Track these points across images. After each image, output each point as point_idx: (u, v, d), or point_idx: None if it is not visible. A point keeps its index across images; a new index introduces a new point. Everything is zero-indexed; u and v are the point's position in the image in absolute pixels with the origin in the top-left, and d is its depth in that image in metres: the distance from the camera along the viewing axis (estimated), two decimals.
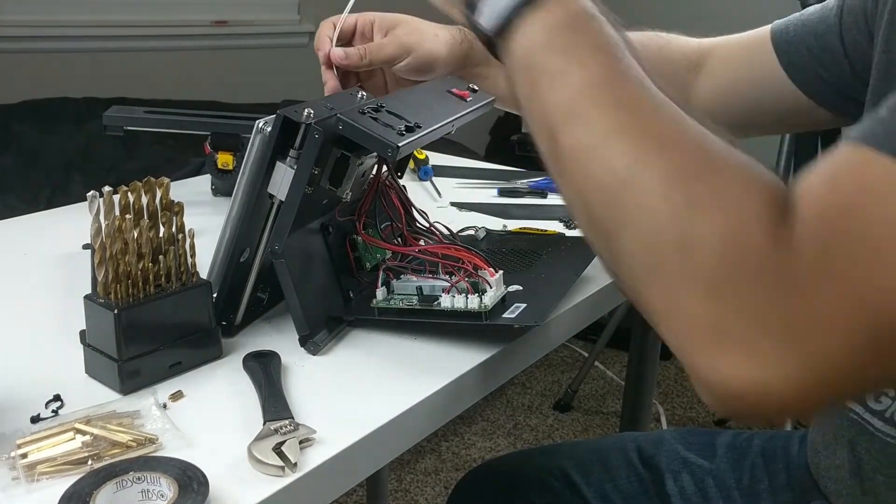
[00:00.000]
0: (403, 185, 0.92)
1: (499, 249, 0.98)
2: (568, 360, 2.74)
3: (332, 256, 0.84)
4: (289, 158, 0.76)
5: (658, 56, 0.98)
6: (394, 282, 0.83)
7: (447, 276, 0.81)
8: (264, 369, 0.72)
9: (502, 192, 1.30)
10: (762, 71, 0.92)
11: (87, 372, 0.73)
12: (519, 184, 1.32)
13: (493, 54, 0.59)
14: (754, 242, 0.44)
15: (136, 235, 0.70)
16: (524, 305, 0.80)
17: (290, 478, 0.59)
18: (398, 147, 0.74)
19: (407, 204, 0.91)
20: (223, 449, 0.62)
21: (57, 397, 0.68)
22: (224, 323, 0.79)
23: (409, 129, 0.77)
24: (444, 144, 1.18)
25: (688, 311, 0.46)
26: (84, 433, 0.62)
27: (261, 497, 0.58)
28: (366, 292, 0.83)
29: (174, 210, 0.73)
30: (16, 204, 2.11)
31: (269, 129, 0.76)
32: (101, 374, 0.71)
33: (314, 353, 0.77)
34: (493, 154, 3.67)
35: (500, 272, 0.81)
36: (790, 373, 0.43)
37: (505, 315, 0.78)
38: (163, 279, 0.72)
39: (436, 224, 0.92)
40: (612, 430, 2.39)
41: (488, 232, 1.05)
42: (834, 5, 0.88)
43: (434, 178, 1.35)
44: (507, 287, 0.82)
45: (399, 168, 0.98)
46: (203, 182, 1.30)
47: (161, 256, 0.72)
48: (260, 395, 0.69)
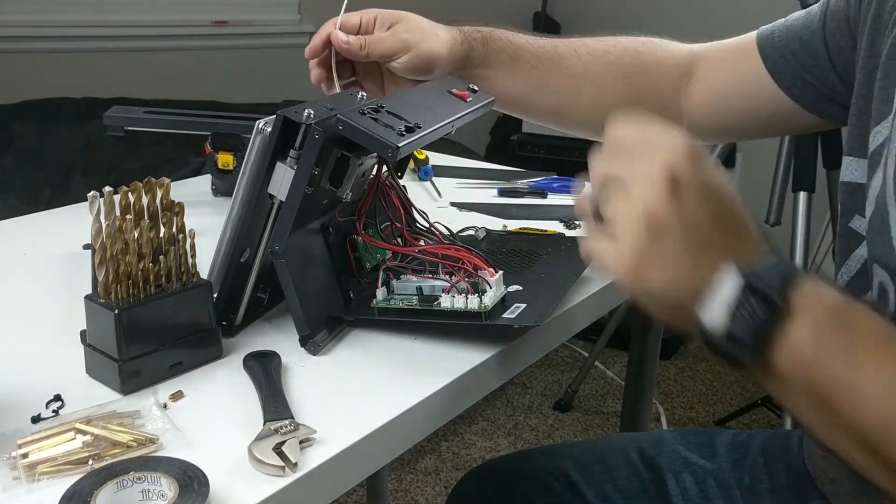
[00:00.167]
0: (403, 186, 0.93)
1: (499, 249, 0.98)
2: (568, 360, 2.74)
3: (332, 256, 0.84)
4: (289, 159, 0.77)
5: (651, 61, 0.98)
6: (394, 282, 0.83)
7: (447, 277, 0.81)
8: (264, 369, 0.72)
9: (502, 193, 1.30)
10: (749, 76, 0.93)
11: (87, 372, 0.73)
12: (519, 184, 1.33)
13: (737, 369, 0.53)
14: None
15: (136, 235, 0.70)
16: (524, 305, 0.80)
17: (291, 478, 0.59)
18: (398, 147, 0.74)
19: (407, 204, 0.91)
20: (223, 449, 0.62)
21: (57, 397, 0.68)
22: (224, 323, 0.79)
23: (409, 130, 0.77)
24: (444, 144, 1.18)
25: None
26: (85, 433, 0.62)
27: (261, 497, 0.58)
28: (366, 292, 0.83)
29: (174, 210, 0.73)
30: (16, 204, 2.11)
31: (270, 129, 0.76)
32: (101, 374, 0.72)
33: (314, 353, 0.77)
34: (493, 154, 3.67)
35: (500, 272, 0.81)
36: None
37: (505, 315, 0.78)
38: (163, 279, 0.72)
39: (436, 224, 0.92)
40: (612, 430, 2.39)
41: (488, 232, 1.05)
42: (818, 11, 0.89)
43: (434, 179, 1.35)
44: (506, 287, 0.82)
45: (399, 168, 0.98)
46: (203, 182, 1.30)
47: (161, 256, 0.72)
48: (260, 395, 0.69)
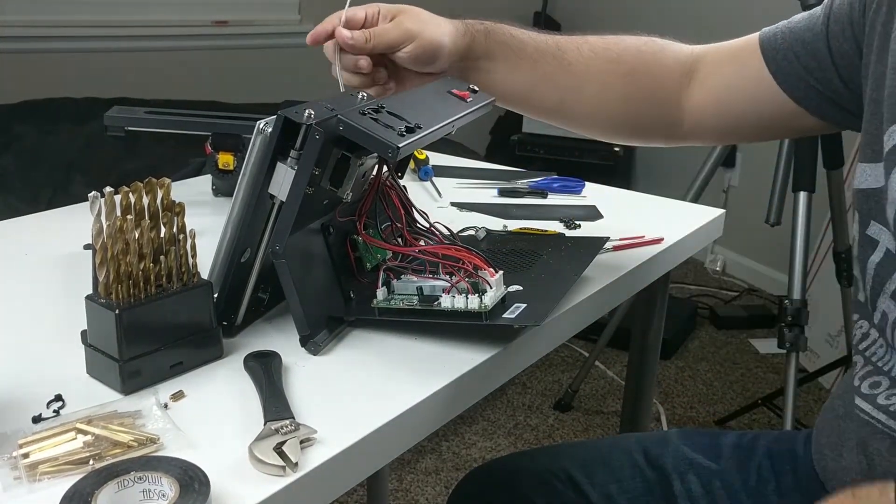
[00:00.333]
0: (404, 186, 0.93)
1: (499, 249, 0.98)
2: (568, 359, 2.74)
3: (332, 257, 0.84)
4: (289, 159, 0.77)
5: (653, 61, 0.98)
6: (394, 282, 0.83)
7: (447, 277, 0.81)
8: (265, 369, 0.72)
9: (502, 193, 1.30)
10: (751, 78, 0.92)
11: (88, 372, 0.73)
12: (519, 184, 1.33)
13: None
14: None
15: (137, 236, 0.70)
16: (524, 305, 0.80)
17: (291, 477, 0.60)
18: (399, 148, 0.74)
19: (407, 204, 0.91)
20: (224, 449, 0.63)
21: (58, 397, 0.69)
22: (225, 323, 0.79)
23: (410, 130, 0.77)
24: (444, 145, 1.18)
25: None
26: (85, 433, 0.62)
27: (262, 497, 0.58)
28: (366, 292, 0.83)
29: (175, 210, 0.74)
30: (17, 204, 2.11)
31: (270, 129, 0.76)
32: (102, 374, 0.72)
33: (315, 353, 0.77)
34: (493, 154, 3.67)
35: (501, 272, 0.81)
36: None
37: (505, 315, 0.78)
38: (164, 279, 0.72)
39: (436, 224, 0.92)
40: (613, 429, 2.39)
41: (488, 232, 1.05)
42: (821, 13, 0.89)
43: (434, 179, 1.35)
44: (507, 287, 0.82)
45: (399, 168, 0.98)
46: (204, 182, 1.30)
47: (162, 257, 0.72)
48: (261, 395, 0.69)
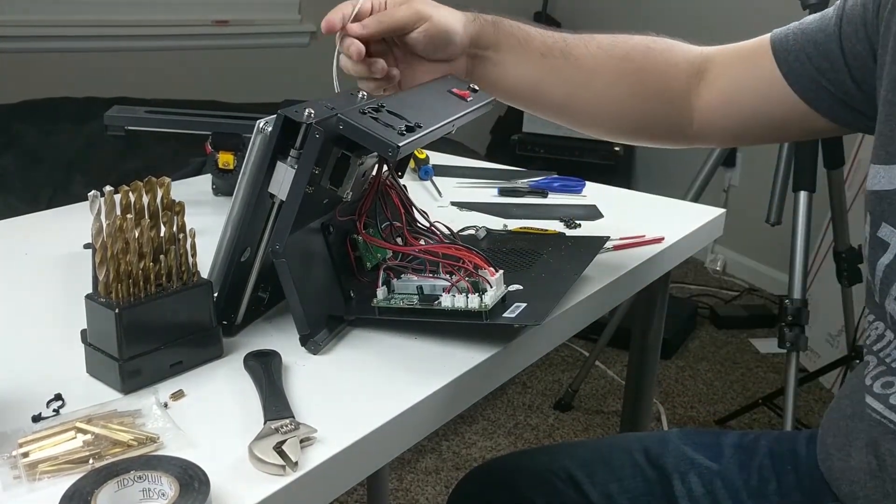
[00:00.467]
0: (404, 185, 0.93)
1: (499, 249, 0.98)
2: (568, 359, 2.74)
3: (332, 256, 0.84)
4: (289, 158, 0.77)
5: (662, 59, 0.97)
6: (394, 281, 0.83)
7: (447, 276, 0.81)
8: (265, 368, 0.72)
9: (503, 192, 1.30)
10: (762, 79, 0.92)
11: (88, 371, 0.73)
12: (519, 183, 1.33)
13: None
14: None
15: (137, 235, 0.70)
16: (524, 305, 0.80)
17: (291, 477, 0.60)
18: (399, 147, 0.74)
19: (407, 203, 0.91)
20: (224, 448, 0.63)
21: (58, 396, 0.68)
22: (225, 322, 0.79)
23: (410, 129, 0.77)
24: (444, 144, 1.18)
25: None
26: (85, 432, 0.62)
27: (262, 496, 0.58)
28: (366, 292, 0.83)
29: (175, 210, 0.74)
30: (17, 204, 2.11)
31: (270, 128, 0.76)
32: (102, 373, 0.72)
33: (315, 353, 0.77)
34: (493, 154, 3.67)
35: (501, 272, 0.81)
36: None
37: (505, 314, 0.78)
38: (164, 279, 0.72)
39: (436, 224, 0.92)
40: (613, 429, 2.39)
41: (489, 231, 1.05)
42: (833, 14, 0.88)
43: (434, 178, 1.35)
44: (507, 286, 0.82)
45: (399, 168, 0.98)
46: (204, 182, 1.30)
47: (162, 256, 0.72)
48: (261, 394, 0.69)
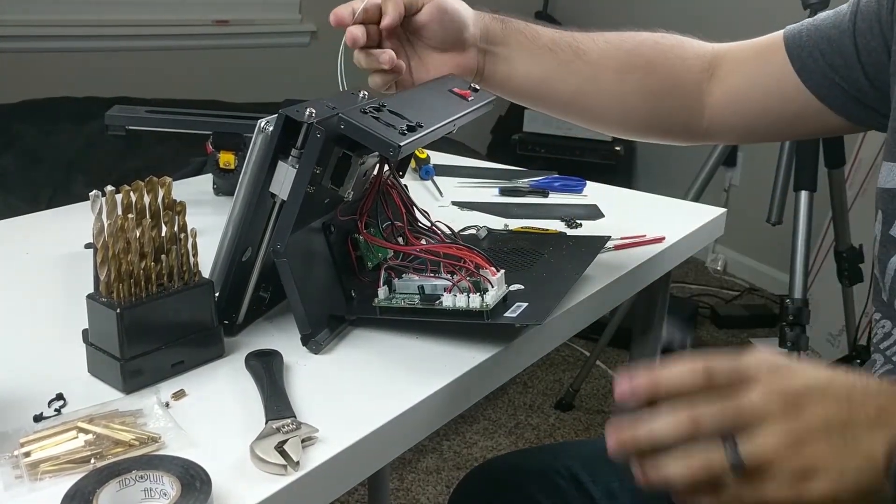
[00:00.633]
0: (405, 185, 0.93)
1: (500, 248, 0.98)
2: (569, 359, 2.74)
3: (333, 256, 0.84)
4: (291, 158, 0.77)
5: (672, 54, 0.96)
6: (395, 281, 0.83)
7: (449, 276, 0.81)
8: (266, 368, 0.72)
9: (504, 192, 1.30)
10: (775, 75, 0.91)
11: (89, 371, 0.73)
12: (520, 183, 1.32)
13: None
14: None
15: (138, 235, 0.70)
16: (525, 304, 0.80)
17: (293, 476, 0.60)
18: (400, 146, 0.74)
19: (408, 203, 0.91)
20: (226, 448, 0.63)
21: (60, 396, 0.68)
22: (226, 322, 0.79)
23: (411, 129, 0.77)
24: (445, 144, 1.18)
25: None
26: (87, 432, 0.62)
27: (263, 495, 0.58)
28: (367, 291, 0.83)
29: (176, 209, 0.74)
30: (17, 204, 2.11)
31: (271, 128, 0.76)
32: (103, 373, 0.72)
33: (316, 352, 0.77)
34: (494, 153, 3.67)
35: (502, 271, 0.81)
36: None
37: (506, 314, 0.78)
38: (165, 278, 0.72)
39: (437, 223, 0.92)
40: None
41: (490, 231, 1.05)
42: (847, 10, 0.87)
43: (435, 178, 1.34)
44: (508, 286, 0.82)
45: (400, 167, 0.98)
46: (205, 181, 1.30)
47: (163, 256, 0.72)
48: (262, 393, 0.69)
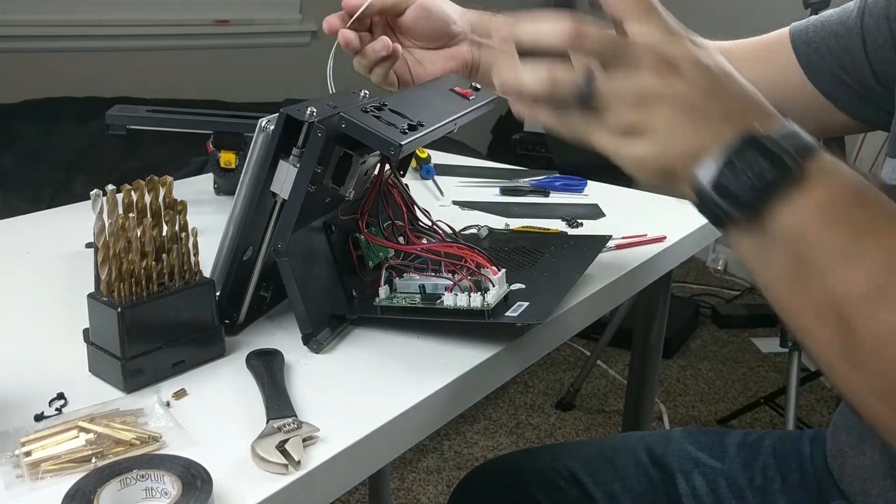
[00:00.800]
0: (406, 184, 0.93)
1: (501, 248, 0.98)
2: (570, 358, 2.74)
3: (334, 255, 0.84)
4: (292, 157, 0.77)
5: None
6: (396, 280, 0.83)
7: (450, 275, 0.81)
8: (267, 367, 0.72)
9: (505, 191, 1.30)
10: (781, 72, 0.90)
11: (90, 370, 0.73)
12: (521, 182, 1.33)
13: (721, 226, 0.53)
14: None
15: (139, 234, 0.70)
16: (527, 304, 0.80)
17: (294, 476, 0.59)
18: (401, 146, 0.74)
19: (409, 202, 0.91)
20: (227, 447, 0.63)
21: (60, 395, 0.69)
22: (227, 321, 0.79)
23: (412, 128, 0.77)
24: (446, 143, 1.18)
25: None
26: (88, 431, 0.62)
27: (264, 495, 0.58)
28: (368, 291, 0.83)
29: (177, 209, 0.73)
30: (18, 203, 2.11)
31: (272, 127, 0.76)
32: (104, 372, 0.72)
33: (317, 352, 0.77)
34: (495, 153, 3.67)
35: (503, 271, 0.81)
36: None
37: (507, 314, 0.78)
38: (166, 278, 0.72)
39: (438, 223, 0.92)
40: (615, 428, 2.39)
41: (491, 230, 1.05)
42: (854, 7, 0.87)
43: (436, 177, 1.35)
44: (509, 285, 0.82)
45: (401, 167, 0.98)
46: (206, 181, 1.30)
47: (164, 255, 0.72)
48: (263, 393, 0.69)
